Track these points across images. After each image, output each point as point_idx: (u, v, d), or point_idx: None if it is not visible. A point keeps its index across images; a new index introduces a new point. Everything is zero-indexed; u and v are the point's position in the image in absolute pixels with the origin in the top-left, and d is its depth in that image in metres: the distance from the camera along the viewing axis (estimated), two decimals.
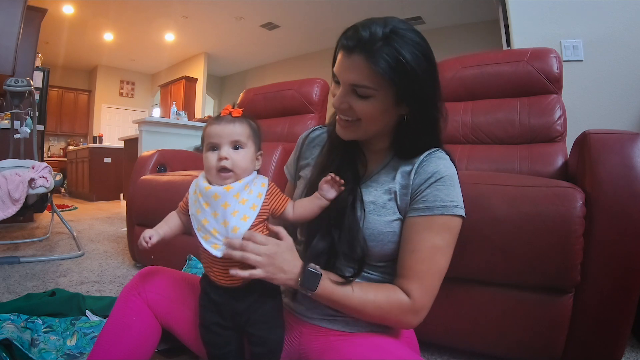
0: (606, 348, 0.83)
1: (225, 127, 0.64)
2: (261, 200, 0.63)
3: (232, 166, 0.62)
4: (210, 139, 0.64)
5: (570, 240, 0.78)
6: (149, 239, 0.66)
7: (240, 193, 0.62)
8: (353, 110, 0.61)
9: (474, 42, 5.04)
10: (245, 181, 0.63)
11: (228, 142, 0.64)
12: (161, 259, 1.63)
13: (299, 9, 5.19)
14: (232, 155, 0.63)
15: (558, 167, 1.26)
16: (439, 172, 0.62)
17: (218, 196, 0.62)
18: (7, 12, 2.76)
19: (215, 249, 0.61)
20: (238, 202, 0.62)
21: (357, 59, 0.57)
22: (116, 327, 0.68)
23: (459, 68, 1.56)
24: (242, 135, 0.64)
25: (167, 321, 0.71)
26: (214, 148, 0.64)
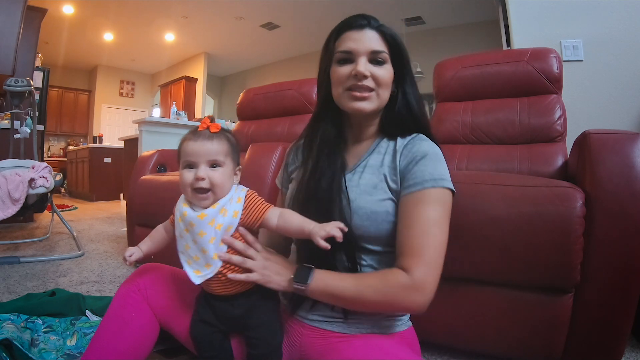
0: (606, 348, 0.83)
1: (202, 145, 0.63)
2: (237, 220, 0.63)
3: (209, 185, 0.61)
4: (187, 157, 0.63)
5: (570, 240, 0.78)
6: (129, 256, 0.68)
7: (216, 218, 0.61)
8: (373, 77, 0.67)
9: (474, 42, 5.04)
10: (220, 204, 0.62)
11: (205, 161, 0.62)
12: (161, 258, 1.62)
13: (299, 9, 5.19)
14: (209, 175, 0.61)
15: (558, 167, 1.26)
16: (424, 150, 0.66)
17: (193, 224, 0.61)
18: (7, 12, 2.76)
19: (197, 275, 0.62)
20: (214, 228, 0.61)
21: (370, 32, 0.68)
22: (115, 323, 0.67)
23: (459, 68, 1.56)
24: (220, 153, 0.63)
25: (166, 319, 0.71)
26: (191, 166, 0.63)
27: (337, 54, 0.69)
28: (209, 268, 0.62)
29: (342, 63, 0.68)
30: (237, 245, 0.63)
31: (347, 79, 0.67)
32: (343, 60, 0.68)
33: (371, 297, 0.59)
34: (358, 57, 0.66)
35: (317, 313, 0.67)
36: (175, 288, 0.72)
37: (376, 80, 0.67)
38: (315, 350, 0.64)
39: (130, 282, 0.72)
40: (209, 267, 0.62)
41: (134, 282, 0.71)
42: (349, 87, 0.67)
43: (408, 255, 0.60)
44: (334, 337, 0.64)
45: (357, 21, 0.69)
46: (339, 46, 0.69)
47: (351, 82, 0.67)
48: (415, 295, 0.58)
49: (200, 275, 0.62)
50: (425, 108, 0.75)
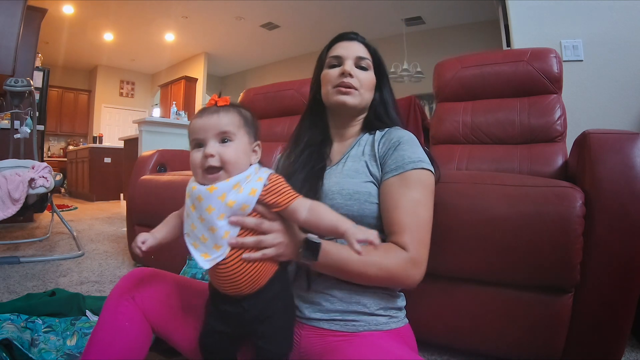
0: (606, 348, 0.83)
1: (209, 118, 0.57)
2: (254, 198, 0.55)
3: (220, 163, 0.55)
4: (194, 135, 0.58)
5: (570, 240, 0.78)
6: (141, 243, 0.62)
7: (228, 194, 0.54)
8: (357, 78, 0.76)
9: (474, 42, 5.04)
10: (235, 179, 0.55)
11: (214, 136, 0.56)
12: (161, 258, 1.63)
13: (299, 9, 5.19)
14: (220, 151, 0.55)
15: (558, 167, 1.26)
16: (400, 135, 0.73)
17: (202, 198, 0.55)
18: (7, 12, 2.76)
19: (205, 259, 0.55)
20: (225, 204, 0.54)
21: (358, 43, 0.80)
22: (107, 334, 0.64)
23: (459, 68, 1.56)
24: (230, 125, 0.57)
25: (163, 329, 0.68)
26: (200, 145, 0.57)
27: (328, 60, 0.80)
28: (218, 250, 0.55)
29: (332, 67, 0.79)
30: (248, 222, 0.56)
31: (335, 78, 0.77)
32: (333, 64, 0.79)
33: (375, 273, 0.61)
34: (346, 60, 0.77)
35: (317, 313, 0.67)
36: (174, 296, 0.69)
37: (360, 81, 0.76)
38: (314, 351, 0.64)
39: (124, 289, 0.67)
40: (219, 249, 0.55)
41: (128, 290, 0.67)
42: (337, 84, 0.76)
43: (401, 233, 0.64)
44: (333, 336, 0.64)
45: (347, 35, 0.81)
46: (330, 53, 0.80)
47: (338, 81, 0.76)
48: (413, 270, 0.63)
49: (209, 259, 0.55)
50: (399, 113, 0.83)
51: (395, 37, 5.70)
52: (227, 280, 0.57)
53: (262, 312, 0.58)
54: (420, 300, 0.79)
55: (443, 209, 0.72)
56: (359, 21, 5.52)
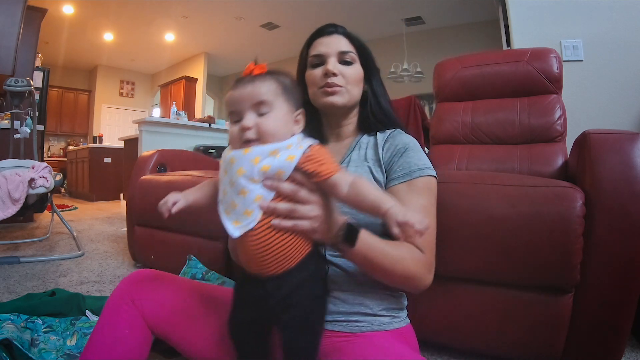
0: (606, 348, 0.83)
1: (244, 89, 0.54)
2: (292, 164, 0.50)
3: (257, 135, 0.52)
4: (231, 107, 0.55)
5: (570, 240, 0.78)
6: (172, 204, 0.56)
7: (261, 157, 0.50)
8: (342, 75, 0.72)
9: (474, 42, 5.04)
10: (273, 146, 0.51)
11: (250, 107, 0.53)
12: (161, 258, 1.63)
13: (299, 9, 5.19)
14: (257, 122, 0.52)
15: (558, 167, 1.26)
16: (406, 143, 0.71)
17: (234, 160, 0.51)
18: (7, 12, 2.76)
19: (236, 226, 0.51)
20: (257, 168, 0.50)
21: (338, 36, 0.75)
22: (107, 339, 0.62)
23: (459, 68, 1.56)
24: (266, 94, 0.53)
25: (163, 331, 0.66)
26: (237, 118, 0.54)
27: (309, 59, 0.76)
28: (249, 215, 0.50)
29: (315, 66, 0.75)
30: (284, 186, 0.51)
31: (320, 79, 0.73)
32: (315, 64, 0.75)
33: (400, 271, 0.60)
34: (328, 58, 0.73)
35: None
36: (173, 298, 0.67)
37: (345, 77, 0.73)
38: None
39: (124, 293, 0.65)
40: (249, 215, 0.50)
41: (128, 293, 0.65)
42: (322, 85, 0.73)
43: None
44: (336, 337, 0.64)
45: (326, 29, 0.76)
46: (311, 52, 0.76)
47: (323, 81, 0.72)
48: (428, 274, 0.63)
49: (240, 226, 0.51)
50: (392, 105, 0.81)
51: (395, 37, 5.70)
52: (254, 254, 0.52)
53: (287, 299, 0.52)
54: (421, 300, 0.79)
55: (443, 209, 0.72)
56: (359, 21, 5.52)
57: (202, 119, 4.05)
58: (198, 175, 1.54)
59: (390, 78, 5.21)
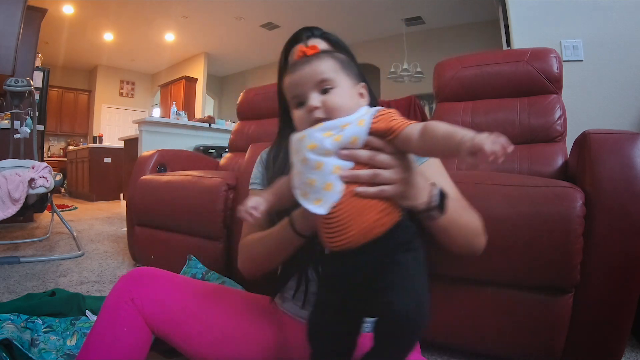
0: (606, 348, 0.83)
1: (302, 70, 0.52)
2: (363, 129, 0.48)
3: (326, 113, 0.50)
4: (292, 92, 0.53)
5: (570, 240, 0.78)
6: (253, 208, 0.53)
7: (333, 130, 0.48)
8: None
9: (474, 42, 5.04)
10: (344, 119, 0.49)
11: (313, 87, 0.51)
12: (161, 258, 1.63)
13: (299, 9, 5.19)
14: (324, 100, 0.50)
15: (558, 167, 1.26)
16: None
17: (304, 136, 0.50)
18: (7, 12, 2.76)
19: (318, 205, 0.48)
20: (331, 139, 0.48)
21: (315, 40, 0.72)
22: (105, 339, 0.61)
23: (459, 68, 1.56)
24: (327, 71, 0.51)
25: (163, 330, 0.66)
26: (301, 102, 0.53)
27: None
28: (330, 189, 0.47)
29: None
30: (360, 153, 0.48)
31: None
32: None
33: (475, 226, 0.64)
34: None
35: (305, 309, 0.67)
36: (173, 296, 0.67)
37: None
38: None
39: (123, 291, 0.64)
40: (330, 188, 0.47)
41: (127, 292, 0.64)
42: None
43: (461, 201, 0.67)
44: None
45: (302, 35, 0.73)
46: (290, 60, 0.74)
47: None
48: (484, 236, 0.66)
49: (323, 203, 0.47)
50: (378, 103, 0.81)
51: (395, 37, 5.70)
52: (342, 227, 0.48)
53: (383, 262, 0.47)
54: None
55: None
56: (359, 21, 5.52)
57: (202, 119, 4.05)
58: (198, 175, 1.53)
59: (390, 78, 5.21)
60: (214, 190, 1.40)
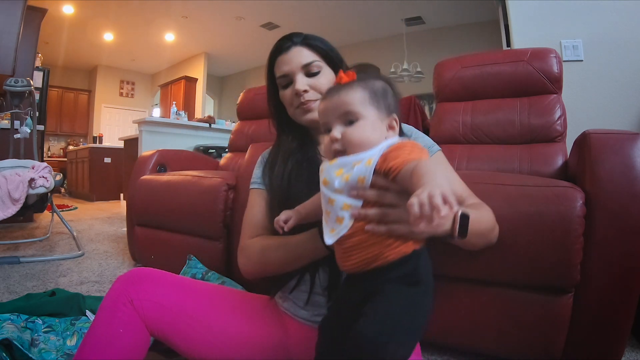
0: (606, 348, 0.83)
1: (330, 100, 0.53)
2: (370, 168, 0.48)
3: (345, 146, 0.51)
4: (322, 119, 0.55)
5: (570, 240, 0.78)
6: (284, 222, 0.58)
7: (345, 170, 0.50)
8: (314, 88, 0.71)
9: (474, 42, 5.03)
10: (357, 156, 0.50)
11: (337, 118, 0.52)
12: (161, 258, 1.63)
13: (299, 9, 5.19)
14: (345, 133, 0.51)
15: (558, 167, 1.26)
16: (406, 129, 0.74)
17: (322, 170, 0.53)
18: (7, 12, 2.76)
19: (331, 234, 0.51)
20: (339, 179, 0.49)
21: (296, 49, 0.72)
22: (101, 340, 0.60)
23: (459, 68, 1.56)
24: (353, 103, 0.52)
25: (162, 332, 0.65)
26: (328, 130, 0.54)
27: (278, 81, 0.74)
28: (341, 223, 0.50)
29: (285, 87, 0.74)
30: (367, 194, 0.49)
31: (293, 99, 0.72)
32: (284, 84, 0.74)
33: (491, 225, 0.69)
34: (294, 76, 0.71)
35: (315, 312, 0.67)
36: (173, 297, 0.66)
37: (317, 89, 0.71)
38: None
39: (121, 293, 0.64)
40: (341, 222, 0.50)
41: (126, 293, 0.64)
42: (297, 105, 0.72)
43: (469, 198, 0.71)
44: None
45: (282, 45, 0.73)
46: (276, 73, 0.74)
47: (297, 101, 0.71)
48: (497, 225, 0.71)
49: (334, 233, 0.51)
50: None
51: (395, 37, 5.70)
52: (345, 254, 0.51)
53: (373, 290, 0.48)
54: None
55: None
56: (359, 21, 5.52)
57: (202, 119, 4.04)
58: (198, 175, 1.53)
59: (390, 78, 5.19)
60: (214, 190, 1.40)
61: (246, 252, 0.74)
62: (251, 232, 0.76)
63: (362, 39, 5.95)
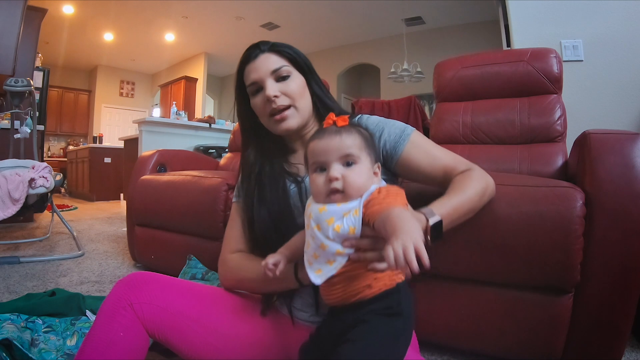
0: (606, 348, 0.83)
1: (330, 140, 0.55)
2: (358, 218, 0.51)
3: (345, 187, 0.53)
4: (316, 157, 0.56)
5: (570, 240, 0.78)
6: (272, 266, 0.58)
7: (335, 219, 0.52)
8: (284, 93, 0.70)
9: (474, 42, 5.04)
10: (346, 207, 0.52)
11: (337, 158, 0.54)
12: (161, 258, 1.63)
13: (299, 9, 5.19)
14: (344, 174, 0.53)
15: (558, 167, 1.26)
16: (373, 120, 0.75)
17: (312, 217, 0.54)
18: (7, 12, 2.76)
19: (317, 275, 0.53)
20: (332, 228, 0.51)
21: (264, 55, 0.72)
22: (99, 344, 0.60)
23: (459, 68, 1.56)
24: (353, 147, 0.54)
25: (163, 336, 0.65)
26: (322, 168, 0.55)
27: (248, 89, 0.73)
28: (331, 264, 0.52)
29: (255, 94, 0.72)
30: (362, 244, 0.51)
31: (264, 106, 0.71)
32: (254, 91, 0.72)
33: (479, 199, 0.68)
34: (263, 82, 0.70)
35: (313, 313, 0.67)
36: (174, 301, 0.66)
37: (288, 94, 0.70)
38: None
39: (121, 296, 0.63)
40: (332, 264, 0.52)
41: (125, 297, 0.63)
42: (270, 113, 0.71)
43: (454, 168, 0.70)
44: None
45: (250, 54, 0.73)
46: (246, 81, 0.73)
47: (269, 108, 0.70)
48: (487, 176, 0.72)
49: (321, 274, 0.53)
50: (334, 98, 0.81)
51: (395, 37, 5.70)
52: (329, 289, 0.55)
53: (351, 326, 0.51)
54: (421, 301, 0.78)
55: None
56: (359, 21, 5.52)
57: (202, 119, 4.05)
58: (198, 175, 1.53)
59: (390, 78, 5.21)
60: (214, 190, 1.40)
61: (224, 266, 0.76)
62: (230, 246, 0.77)
63: (362, 39, 5.95)
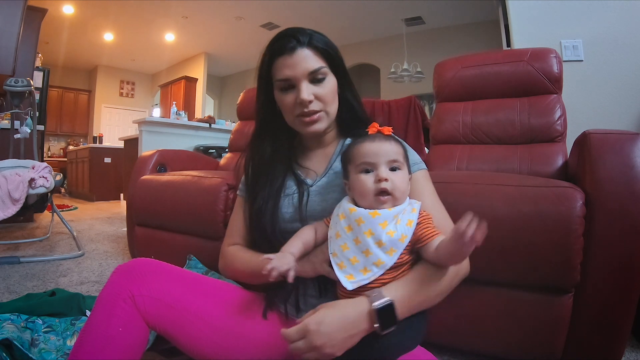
0: (606, 348, 0.83)
1: (381, 145, 0.59)
2: (411, 230, 0.55)
3: (392, 189, 0.56)
4: (365, 159, 0.58)
5: (570, 240, 0.78)
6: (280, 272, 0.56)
7: (389, 222, 0.55)
8: (318, 98, 0.67)
9: (474, 42, 5.04)
10: (396, 210, 0.56)
11: (385, 162, 0.58)
12: (161, 258, 1.62)
13: (299, 9, 5.19)
14: (391, 177, 0.57)
15: (558, 167, 1.26)
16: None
17: (362, 221, 0.55)
18: (7, 12, 2.76)
19: (349, 280, 0.55)
20: (384, 232, 0.54)
21: (302, 52, 0.66)
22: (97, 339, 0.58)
23: (459, 68, 1.56)
24: (399, 154, 0.59)
25: (167, 331, 0.64)
26: (368, 170, 0.58)
27: (277, 83, 0.68)
28: (365, 274, 0.55)
29: (285, 90, 0.68)
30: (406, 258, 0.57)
31: (294, 107, 0.67)
32: (285, 87, 0.68)
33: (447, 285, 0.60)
34: (298, 82, 0.66)
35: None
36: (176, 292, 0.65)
37: (321, 99, 0.67)
38: None
39: (121, 287, 0.61)
40: (366, 273, 0.55)
41: (126, 288, 0.61)
42: (298, 114, 0.68)
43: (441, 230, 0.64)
44: None
45: (286, 45, 0.66)
46: (275, 74, 0.68)
47: (299, 110, 0.67)
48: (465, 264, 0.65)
49: (354, 281, 0.55)
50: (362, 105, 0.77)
51: (395, 37, 5.70)
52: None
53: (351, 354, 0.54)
54: None
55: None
56: (359, 21, 5.52)
57: (202, 119, 4.05)
58: (198, 175, 1.53)
59: (390, 78, 5.21)
60: (214, 190, 1.40)
61: (223, 258, 0.77)
62: (231, 239, 0.78)
63: (362, 39, 5.95)
